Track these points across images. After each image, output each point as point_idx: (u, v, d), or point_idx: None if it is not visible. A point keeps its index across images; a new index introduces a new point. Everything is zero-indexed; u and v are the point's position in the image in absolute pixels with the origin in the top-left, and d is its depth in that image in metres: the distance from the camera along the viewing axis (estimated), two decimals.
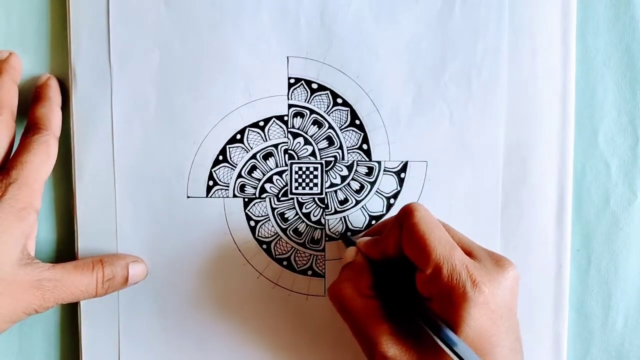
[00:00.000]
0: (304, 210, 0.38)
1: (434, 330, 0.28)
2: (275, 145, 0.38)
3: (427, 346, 0.29)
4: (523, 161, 0.37)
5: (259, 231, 0.38)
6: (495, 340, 0.29)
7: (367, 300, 0.31)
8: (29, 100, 0.36)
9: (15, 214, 0.32)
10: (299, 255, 0.38)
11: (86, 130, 0.37)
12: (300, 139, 0.38)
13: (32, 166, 0.33)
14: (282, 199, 0.38)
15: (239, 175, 0.38)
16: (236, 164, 0.38)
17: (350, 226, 0.38)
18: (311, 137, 0.38)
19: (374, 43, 0.37)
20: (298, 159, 0.38)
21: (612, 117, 0.38)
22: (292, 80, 0.37)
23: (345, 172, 0.38)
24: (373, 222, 0.38)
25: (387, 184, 0.38)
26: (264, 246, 0.38)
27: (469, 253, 0.30)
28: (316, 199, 0.38)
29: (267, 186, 0.38)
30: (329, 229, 0.38)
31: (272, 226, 0.38)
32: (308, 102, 0.37)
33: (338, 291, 0.32)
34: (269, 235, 0.38)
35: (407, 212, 0.31)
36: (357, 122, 0.37)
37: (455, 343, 0.27)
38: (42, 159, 0.34)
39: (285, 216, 0.38)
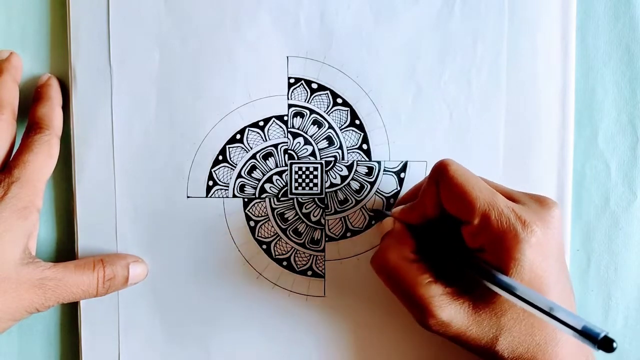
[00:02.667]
0: (303, 211, 0.38)
1: (489, 278, 0.28)
2: (275, 145, 0.38)
3: (479, 300, 0.29)
4: (523, 161, 0.37)
5: (258, 231, 0.38)
6: (550, 282, 0.29)
7: (413, 265, 0.31)
8: (30, 100, 0.36)
9: (17, 212, 0.32)
10: (298, 255, 0.38)
11: (86, 130, 0.37)
12: (300, 139, 0.38)
13: (34, 165, 0.33)
14: (282, 199, 0.38)
15: (239, 175, 0.38)
16: (236, 164, 0.38)
17: (350, 226, 0.38)
18: (311, 137, 0.38)
19: (374, 43, 0.37)
20: (298, 159, 0.38)
21: (612, 117, 0.38)
22: (292, 80, 0.37)
23: (345, 172, 0.38)
24: (373, 222, 0.38)
25: (387, 184, 0.38)
26: (264, 246, 0.38)
27: (510, 198, 0.30)
28: (316, 199, 0.38)
29: (267, 186, 0.38)
30: (329, 229, 0.38)
31: (272, 226, 0.38)
32: (308, 102, 0.37)
33: (383, 260, 0.32)
34: (269, 236, 0.38)
35: (441, 168, 0.30)
36: (357, 122, 0.37)
37: (514, 287, 0.27)
38: (44, 159, 0.34)
39: (285, 216, 0.38)
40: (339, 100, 0.37)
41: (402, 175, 0.37)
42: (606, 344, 0.23)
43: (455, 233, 0.31)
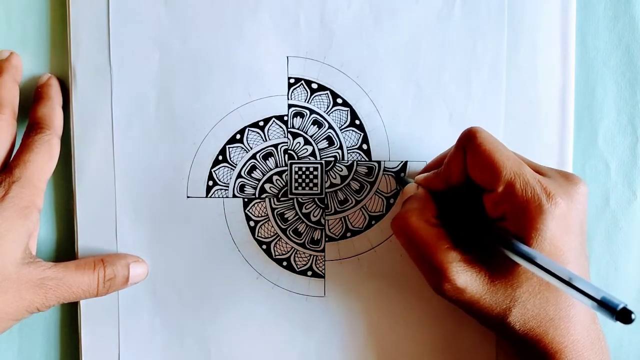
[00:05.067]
0: (303, 211, 0.38)
1: (508, 247, 0.28)
2: (275, 145, 0.38)
3: (496, 270, 0.29)
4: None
5: (258, 231, 0.38)
6: (570, 256, 0.29)
7: (433, 229, 0.31)
8: (30, 100, 0.36)
9: (18, 212, 0.32)
10: (298, 255, 0.38)
11: (86, 130, 0.37)
12: (300, 139, 0.38)
13: (35, 165, 0.33)
14: (281, 199, 0.38)
15: (239, 175, 0.38)
16: (236, 164, 0.38)
17: (350, 226, 0.38)
18: (311, 137, 0.38)
19: (374, 43, 0.37)
20: (298, 159, 0.38)
21: (612, 117, 0.38)
22: (292, 80, 0.37)
23: (345, 172, 0.38)
24: (373, 222, 0.38)
25: (387, 184, 0.38)
26: (264, 246, 0.38)
27: (536, 171, 0.30)
28: (316, 199, 0.38)
29: (267, 186, 0.38)
30: (329, 230, 0.38)
31: (272, 226, 0.38)
32: (308, 102, 0.37)
33: (403, 221, 0.31)
34: (269, 236, 0.38)
35: (470, 135, 0.30)
36: (357, 122, 0.37)
37: (534, 256, 0.27)
38: (44, 158, 0.34)
39: (285, 216, 0.38)
40: (339, 100, 0.37)
41: (402, 175, 0.37)
42: (625, 316, 0.23)
43: (477, 202, 0.31)
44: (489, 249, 0.30)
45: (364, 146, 0.38)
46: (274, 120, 0.37)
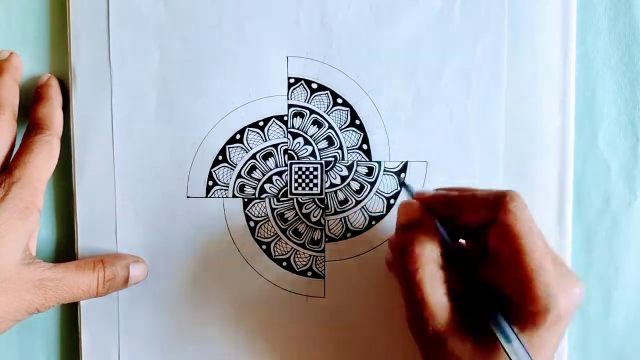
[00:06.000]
0: (303, 211, 0.38)
1: (503, 335, 0.27)
2: (275, 146, 0.38)
3: (481, 346, 0.28)
4: (523, 162, 0.37)
5: (258, 232, 0.38)
6: (549, 353, 0.28)
7: (438, 272, 0.29)
8: (30, 100, 0.36)
9: (18, 213, 0.32)
10: (298, 256, 0.38)
11: (86, 130, 0.37)
12: (300, 139, 0.38)
13: (35, 166, 0.33)
14: (281, 199, 0.38)
15: (239, 176, 0.38)
16: (236, 164, 0.38)
17: (350, 227, 0.38)
18: (311, 137, 0.38)
19: (374, 43, 0.37)
20: (298, 159, 0.38)
21: (612, 117, 0.38)
22: (291, 80, 0.37)
23: (345, 173, 0.38)
24: (373, 222, 0.38)
25: (387, 184, 0.38)
26: (264, 247, 0.38)
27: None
28: (316, 200, 0.38)
29: (267, 186, 0.38)
30: (329, 230, 0.38)
31: (272, 227, 0.38)
32: (308, 102, 0.37)
33: (412, 261, 0.29)
34: (269, 236, 0.38)
35: (510, 200, 0.28)
36: (357, 122, 0.37)
37: None
38: (44, 159, 0.34)
39: (285, 216, 0.38)
40: (339, 100, 0.37)
41: (402, 175, 0.37)
42: None
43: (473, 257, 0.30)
44: (482, 318, 0.28)
45: (364, 146, 0.38)
46: (273, 120, 0.37)
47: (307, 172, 0.38)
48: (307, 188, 0.38)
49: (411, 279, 0.29)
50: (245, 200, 0.38)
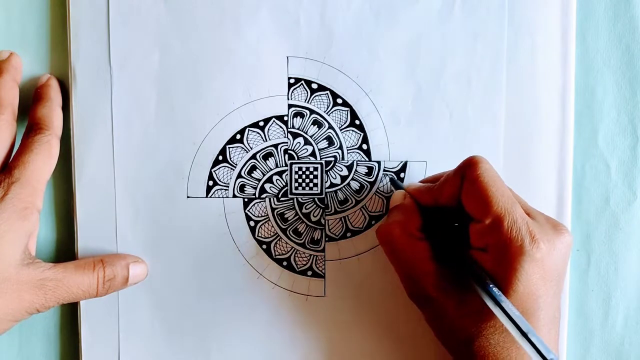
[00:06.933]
0: (303, 211, 0.38)
1: (480, 284, 0.29)
2: (275, 145, 0.38)
3: (470, 294, 0.30)
4: (523, 161, 0.37)
5: (258, 231, 0.38)
6: (542, 303, 0.29)
7: (416, 242, 0.32)
8: (30, 100, 0.36)
9: (18, 213, 0.32)
10: (298, 255, 0.38)
11: (86, 130, 0.37)
12: (300, 139, 0.38)
13: (35, 166, 0.33)
14: (282, 199, 0.38)
15: (239, 175, 0.38)
16: (236, 164, 0.38)
17: (350, 226, 0.38)
18: (311, 137, 0.38)
19: (374, 43, 0.37)
20: (298, 159, 0.38)
21: (612, 117, 0.38)
22: (292, 80, 0.37)
23: (345, 172, 0.38)
24: (373, 222, 0.38)
25: (387, 184, 0.38)
26: (264, 246, 0.38)
27: (527, 213, 0.30)
28: (316, 199, 0.38)
29: (267, 186, 0.38)
30: (329, 230, 0.38)
31: (272, 226, 0.38)
32: (308, 102, 0.37)
33: (388, 232, 0.33)
34: (269, 236, 0.38)
35: (471, 164, 0.31)
36: (357, 122, 0.37)
37: (501, 299, 0.27)
38: (44, 159, 0.34)
39: (285, 216, 0.38)
40: (339, 101, 0.37)
41: (402, 175, 0.37)
42: None
43: (462, 228, 0.31)
44: (465, 277, 0.30)
45: (364, 146, 0.38)
46: (274, 120, 0.37)
47: (307, 172, 0.38)
48: (307, 188, 0.38)
49: (396, 248, 0.32)
50: (246, 200, 0.38)
